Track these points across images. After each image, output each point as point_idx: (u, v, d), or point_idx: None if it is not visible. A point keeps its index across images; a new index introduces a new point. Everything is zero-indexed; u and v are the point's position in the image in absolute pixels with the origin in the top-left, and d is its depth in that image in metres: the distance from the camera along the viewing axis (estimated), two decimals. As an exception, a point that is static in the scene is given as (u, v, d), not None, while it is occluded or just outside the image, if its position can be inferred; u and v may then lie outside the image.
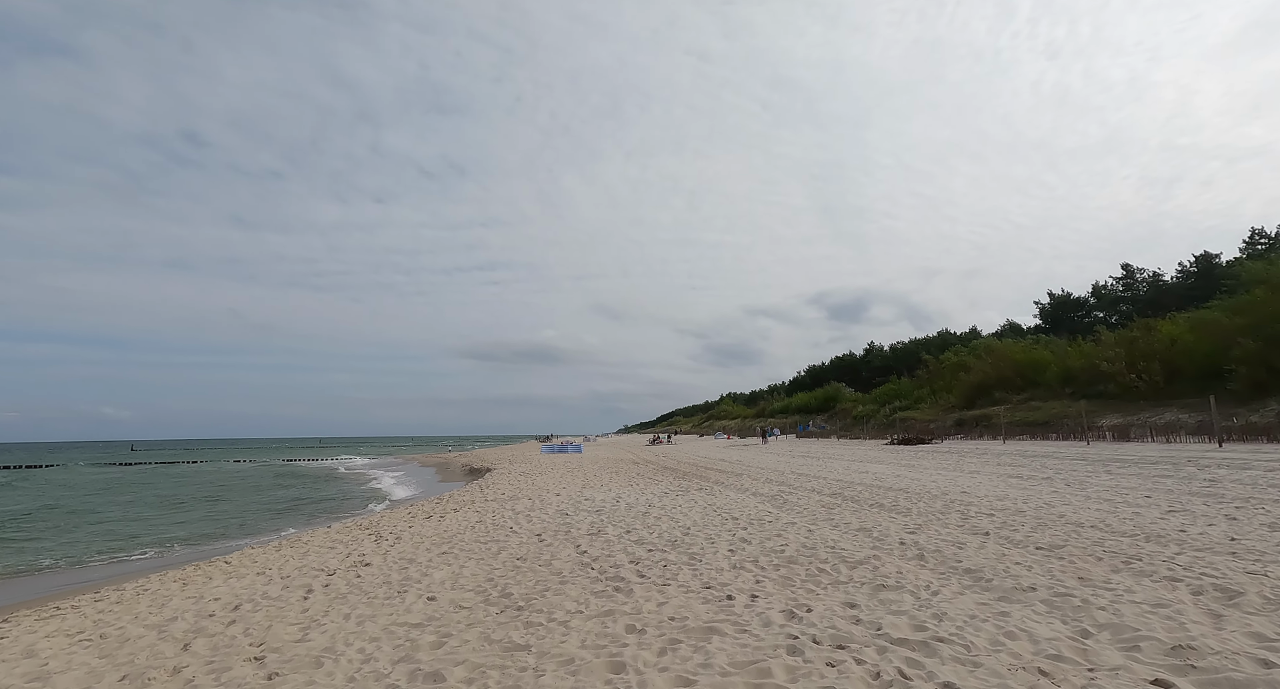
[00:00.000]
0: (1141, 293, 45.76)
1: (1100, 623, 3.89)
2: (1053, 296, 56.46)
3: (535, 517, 10.34)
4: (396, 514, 12.17)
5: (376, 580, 6.31)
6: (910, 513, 9.08)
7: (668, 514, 9.91)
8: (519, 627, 4.53)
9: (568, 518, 9.99)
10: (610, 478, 18.19)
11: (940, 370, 46.64)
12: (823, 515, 9.13)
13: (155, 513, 18.80)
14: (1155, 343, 28.27)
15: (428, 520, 10.81)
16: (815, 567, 5.86)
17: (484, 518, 10.60)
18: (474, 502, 13.17)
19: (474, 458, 39.31)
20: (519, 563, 6.76)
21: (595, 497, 12.90)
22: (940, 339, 70.32)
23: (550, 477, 19.50)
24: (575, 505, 11.59)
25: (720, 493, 12.81)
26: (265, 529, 14.22)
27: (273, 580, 6.63)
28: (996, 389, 37.91)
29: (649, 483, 15.92)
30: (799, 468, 19.38)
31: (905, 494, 11.28)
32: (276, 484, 29.78)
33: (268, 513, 17.84)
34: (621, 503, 11.65)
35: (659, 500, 11.82)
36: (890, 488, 12.36)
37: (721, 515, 9.52)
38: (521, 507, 11.81)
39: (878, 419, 47.56)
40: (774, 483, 14.54)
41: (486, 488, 16.19)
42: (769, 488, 13.34)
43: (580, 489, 14.81)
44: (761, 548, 6.84)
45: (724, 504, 10.92)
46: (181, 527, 15.27)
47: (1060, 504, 9.39)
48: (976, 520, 8.12)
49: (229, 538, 13.28)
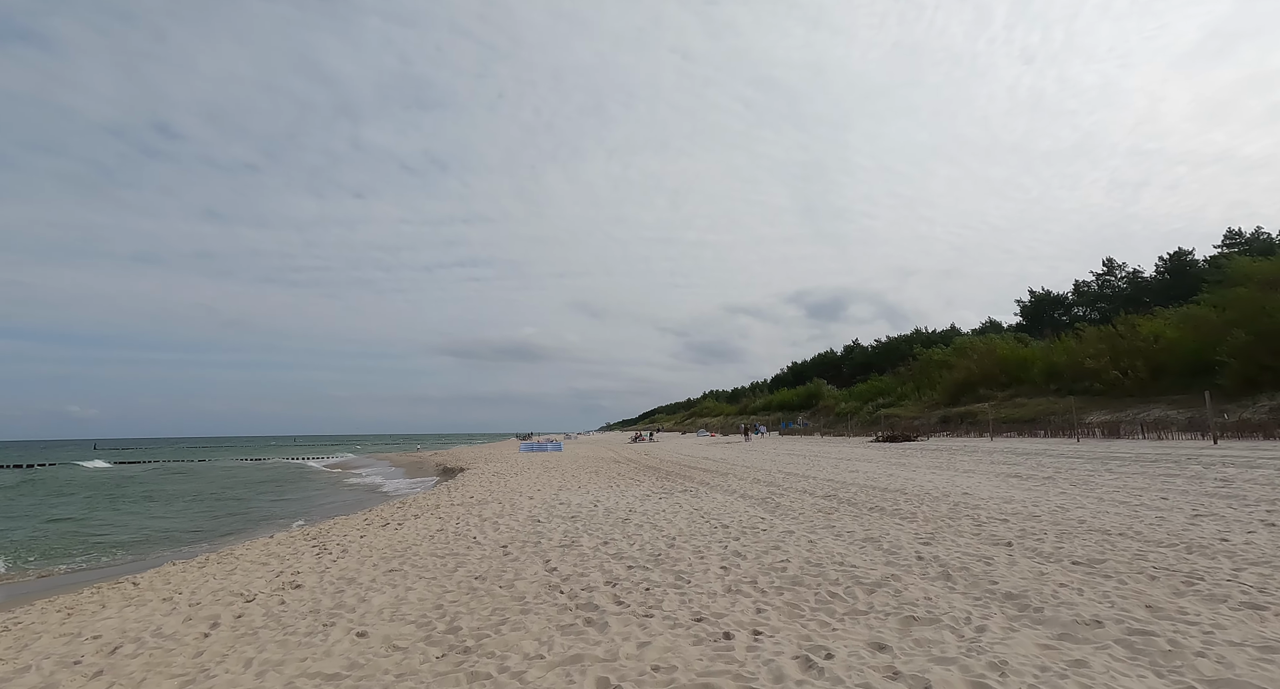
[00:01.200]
0: (1121, 289, 46.01)
1: (1210, 678, 3.02)
2: (1033, 294, 56.77)
3: (503, 525, 9.32)
4: (350, 521, 11.05)
5: (302, 609, 5.26)
6: (916, 518, 8.26)
7: (650, 521, 8.97)
8: (461, 680, 3.55)
9: (539, 526, 9.00)
10: (589, 478, 17.20)
11: (924, 367, 46.44)
12: (821, 522, 8.26)
13: (92, 514, 17.36)
14: (1138, 339, 28.11)
15: (383, 528, 9.73)
16: (825, 590, 4.95)
17: (446, 526, 9.55)
18: (438, 506, 12.09)
19: (449, 457, 37.99)
20: (476, 584, 5.76)
21: (572, 500, 11.91)
22: (919, 336, 70.50)
23: (525, 477, 18.45)
24: (549, 511, 10.60)
25: (706, 495, 11.91)
26: (199, 538, 12.95)
27: (177, 609, 5.54)
28: (981, 386, 37.70)
29: (630, 484, 14.97)
30: (786, 467, 18.60)
31: (904, 496, 10.49)
32: (229, 486, 28.23)
33: (207, 517, 16.49)
34: (600, 507, 10.68)
35: (640, 504, 10.88)
36: (886, 489, 11.57)
37: (710, 522, 8.61)
38: (490, 512, 10.78)
39: (861, 416, 47.23)
40: (762, 484, 13.69)
41: (454, 490, 15.08)
42: (758, 489, 12.48)
43: (556, 492, 13.81)
44: (759, 564, 5.92)
45: (711, 508, 10.01)
46: (116, 531, 13.92)
47: (1074, 507, 8.65)
48: (992, 527, 7.31)
49: (152, 548, 12.03)
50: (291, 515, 16.34)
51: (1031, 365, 34.94)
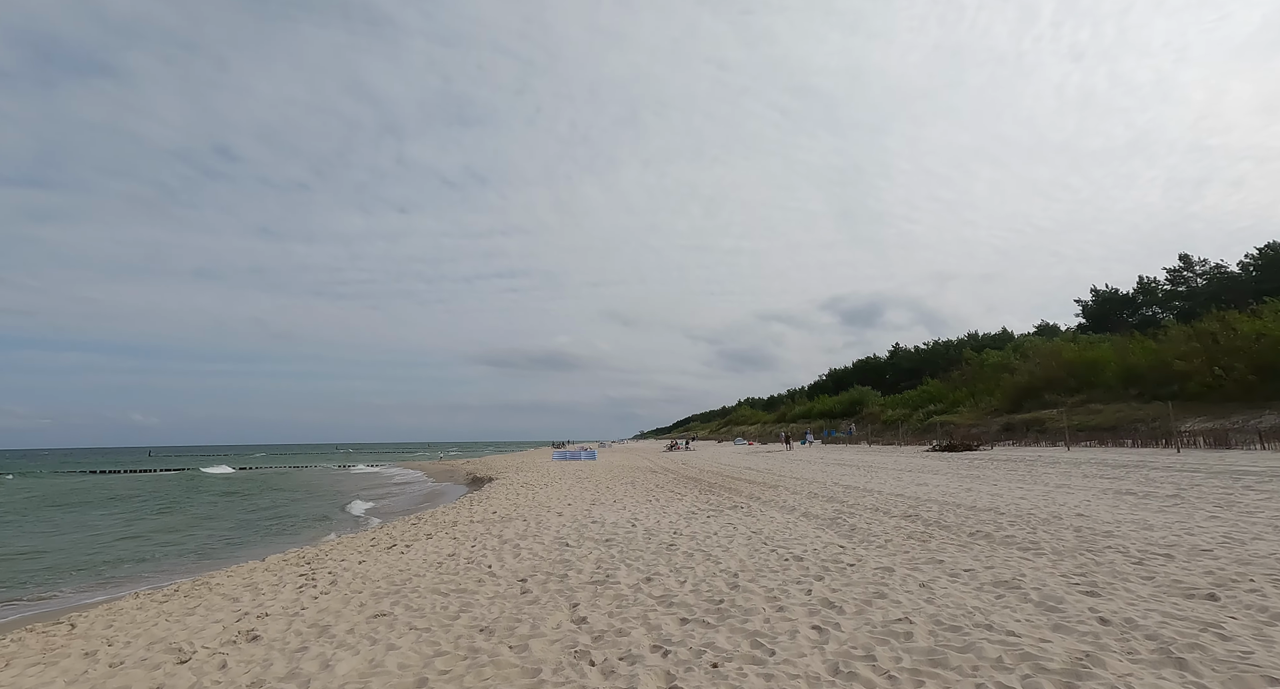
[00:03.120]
0: (1198, 286, 42.22)
1: None
2: (1097, 293, 52.90)
3: (525, 549, 7.86)
4: (355, 541, 9.75)
5: (241, 681, 3.86)
6: (1041, 550, 6.45)
7: (701, 547, 7.37)
8: None
9: (567, 552, 7.50)
10: (625, 491, 15.66)
11: (980, 371, 43.45)
12: (920, 553, 6.52)
13: (84, 531, 16.65)
14: (1238, 339, 25.09)
15: (388, 551, 8.38)
16: (994, 681, 3.28)
17: (460, 549, 8.13)
18: (455, 523, 10.72)
19: (480, 465, 36.99)
20: (479, 641, 4.29)
21: (606, 518, 10.38)
22: (970, 340, 66.91)
23: (556, 489, 17.02)
24: (580, 531, 9.10)
25: (762, 513, 10.23)
26: (182, 559, 11.79)
27: (88, 674, 4.21)
28: (1046, 391, 34.71)
29: (671, 498, 13.36)
30: (842, 478, 16.70)
31: (1005, 517, 8.61)
32: (251, 496, 27.64)
33: (206, 532, 15.44)
34: (639, 528, 9.12)
35: (686, 525, 9.27)
36: (975, 507, 9.68)
37: (776, 551, 6.95)
38: (512, 532, 9.34)
39: (911, 424, 44.44)
40: (822, 499, 11.90)
41: (477, 504, 13.72)
42: (822, 507, 10.73)
43: (589, 507, 12.30)
44: (866, 625, 4.26)
45: (773, 532, 8.35)
46: (113, 549, 12.99)
47: (1248, 539, 6.68)
48: (1159, 567, 5.46)
49: (140, 566, 10.95)
50: (293, 532, 15.25)
51: (1104, 368, 31.90)
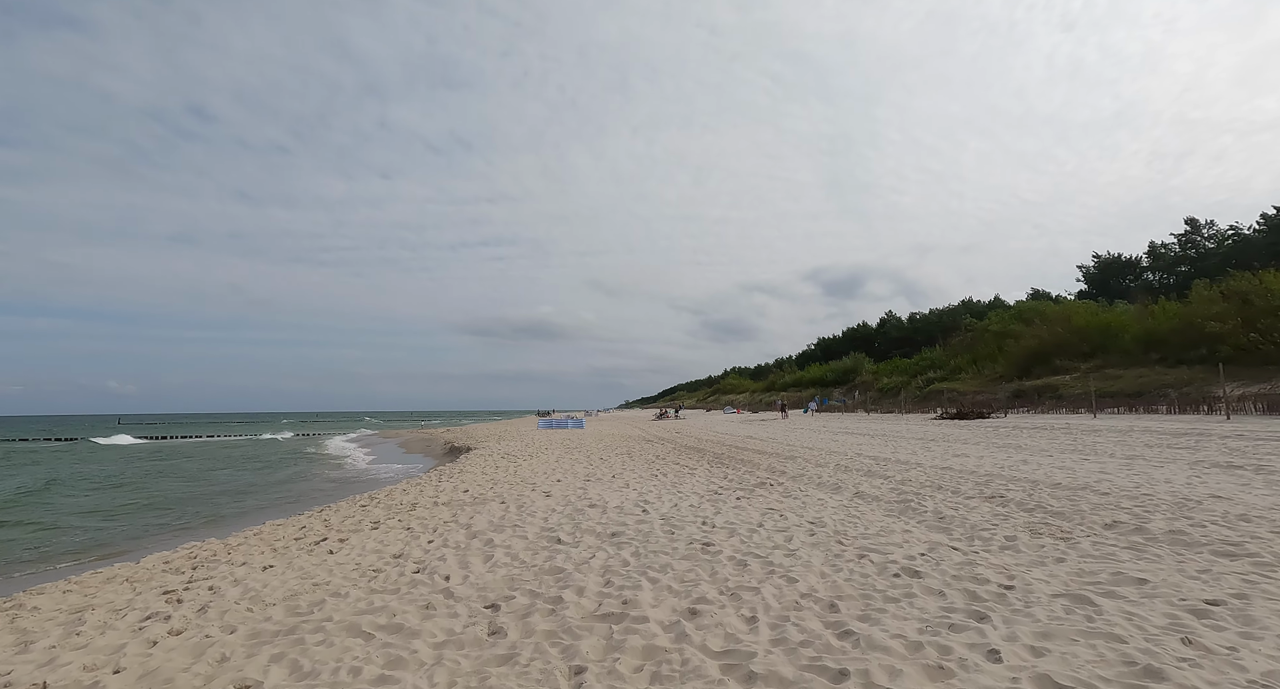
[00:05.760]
0: (1209, 249, 40.68)
1: None
2: (1099, 259, 51.42)
3: (501, 547, 5.65)
4: (277, 532, 7.44)
5: None
6: (1261, 557, 4.39)
7: (753, 550, 5.20)
8: None
9: (559, 552, 5.30)
10: (623, 463, 13.53)
11: (982, 337, 41.87)
12: (1085, 563, 4.41)
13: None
14: (1273, 298, 23.45)
15: (313, 549, 6.12)
16: None
17: (410, 547, 5.90)
18: (415, 505, 8.47)
19: (460, 434, 34.73)
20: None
21: (607, 499, 8.21)
22: (967, 307, 65.47)
23: (542, 460, 14.85)
24: (575, 518, 6.91)
25: (804, 494, 8.12)
26: (78, 549, 9.52)
27: None
28: (1056, 356, 33.17)
29: (681, 473, 11.23)
30: (862, 449, 14.75)
31: (1122, 500, 6.56)
32: (218, 466, 25.19)
33: (145, 512, 13.06)
34: (653, 514, 6.95)
35: (715, 511, 7.11)
36: (1061, 487, 7.62)
37: (869, 559, 4.80)
38: (485, 520, 7.12)
39: (910, 391, 42.96)
40: (860, 474, 9.84)
41: (446, 480, 11.46)
42: (872, 485, 8.65)
43: (583, 483, 10.13)
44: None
45: (839, 523, 6.22)
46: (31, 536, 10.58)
47: None
48: None
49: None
50: (254, 509, 12.96)
51: (1120, 332, 30.32)
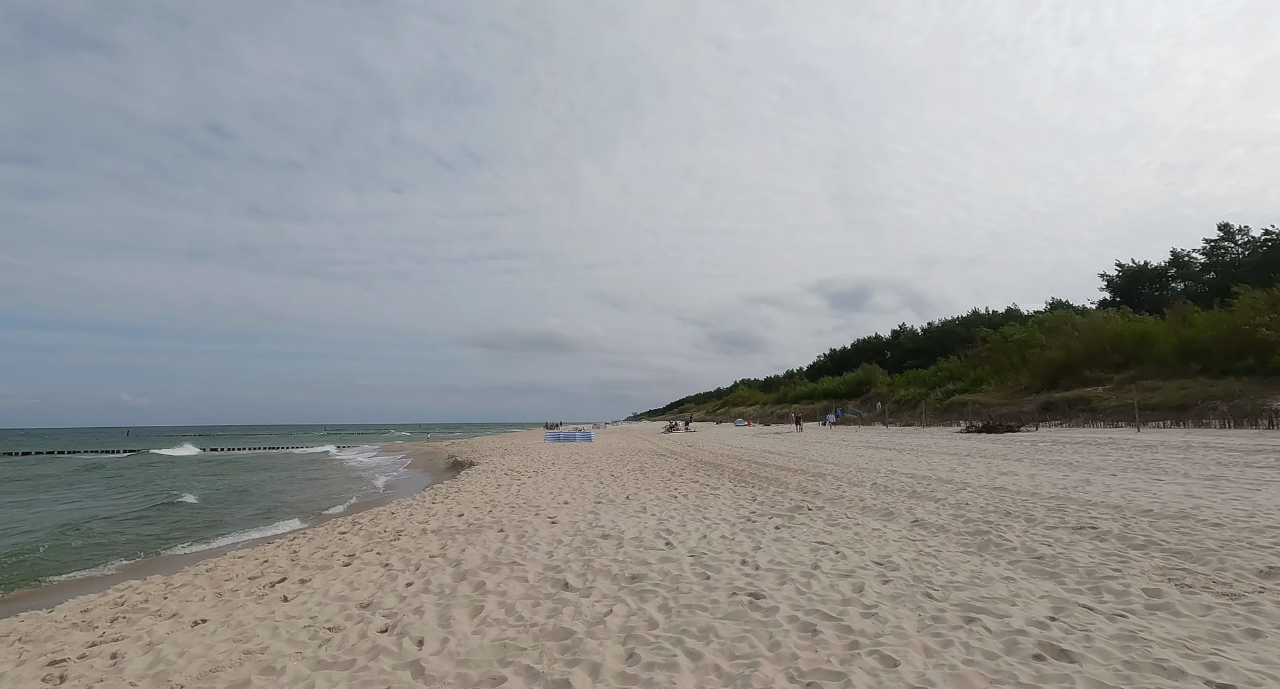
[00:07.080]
0: (1242, 258, 39.19)
1: None
2: (1123, 267, 49.90)
3: (494, 596, 4.50)
4: (239, 566, 6.32)
5: None
6: None
7: (818, 607, 4.01)
8: None
9: (566, 607, 4.15)
10: (636, 481, 12.34)
11: (1003, 348, 40.43)
12: (1260, 632, 3.22)
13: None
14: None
15: (263, 596, 4.99)
16: None
17: (383, 594, 4.76)
18: (401, 532, 7.32)
19: (464, 448, 33.62)
20: None
21: (623, 528, 7.03)
22: (980, 318, 63.96)
23: (548, 478, 13.68)
24: (585, 553, 5.75)
25: (854, 523, 6.91)
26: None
27: None
28: (1085, 367, 31.71)
29: (702, 493, 10.03)
30: (895, 465, 13.50)
31: (1215, 528, 5.34)
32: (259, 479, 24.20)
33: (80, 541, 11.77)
34: (680, 550, 5.78)
35: (753, 544, 5.93)
36: (1158, 515, 6.39)
37: (980, 623, 3.60)
38: (477, 555, 5.97)
39: (929, 403, 41.48)
40: (904, 495, 8.61)
41: (440, 501, 10.30)
42: (926, 510, 7.42)
43: (594, 505, 8.96)
44: None
45: (913, 564, 5.01)
46: None
47: None
48: None
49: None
50: (239, 523, 11.85)
51: (1157, 342, 28.88)
